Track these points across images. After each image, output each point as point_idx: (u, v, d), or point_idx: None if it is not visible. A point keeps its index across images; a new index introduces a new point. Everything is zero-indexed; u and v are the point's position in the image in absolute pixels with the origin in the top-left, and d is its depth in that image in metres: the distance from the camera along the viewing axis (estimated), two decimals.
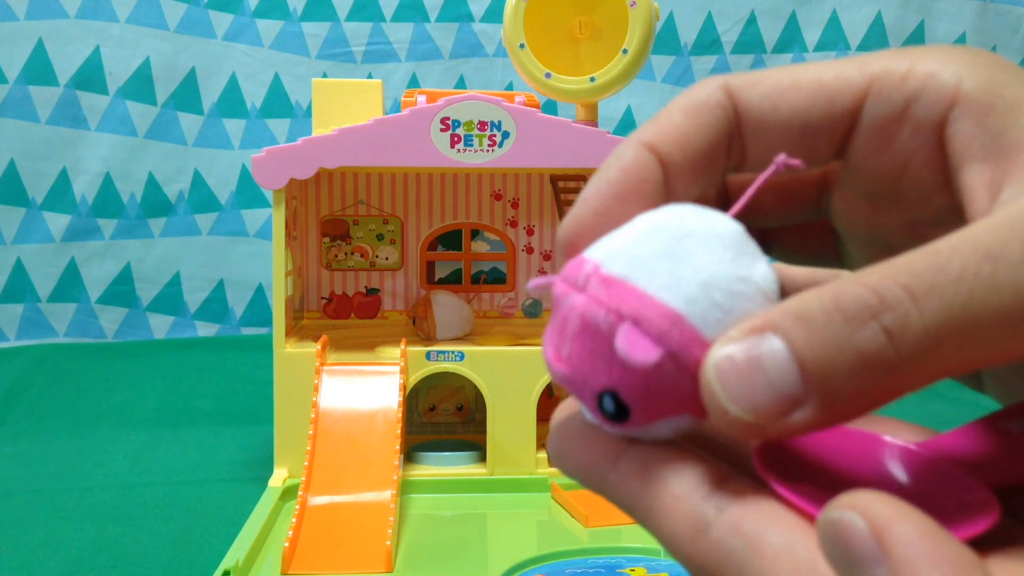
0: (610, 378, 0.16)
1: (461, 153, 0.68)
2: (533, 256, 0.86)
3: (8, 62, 1.17)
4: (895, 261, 0.15)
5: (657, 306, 0.16)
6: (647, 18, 0.70)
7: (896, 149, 0.18)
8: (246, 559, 0.55)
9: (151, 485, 0.71)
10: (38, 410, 0.91)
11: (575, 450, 0.18)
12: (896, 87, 0.18)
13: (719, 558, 0.15)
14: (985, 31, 1.34)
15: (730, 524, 0.15)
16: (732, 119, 0.19)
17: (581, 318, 0.17)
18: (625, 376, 0.16)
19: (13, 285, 1.20)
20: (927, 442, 0.19)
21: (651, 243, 0.17)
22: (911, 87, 0.18)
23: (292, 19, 1.23)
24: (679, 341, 0.16)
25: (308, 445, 0.65)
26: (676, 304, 0.16)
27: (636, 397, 0.16)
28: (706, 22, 1.29)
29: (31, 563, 0.58)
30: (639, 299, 0.16)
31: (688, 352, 0.16)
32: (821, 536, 0.14)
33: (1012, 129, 0.17)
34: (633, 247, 0.17)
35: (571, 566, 0.56)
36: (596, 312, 0.16)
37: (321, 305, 0.85)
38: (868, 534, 0.14)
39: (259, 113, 1.23)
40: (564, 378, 0.17)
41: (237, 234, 1.23)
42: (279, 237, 0.69)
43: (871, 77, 0.18)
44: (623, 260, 0.17)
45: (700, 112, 0.19)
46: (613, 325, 0.16)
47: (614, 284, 0.16)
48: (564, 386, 0.17)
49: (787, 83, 0.19)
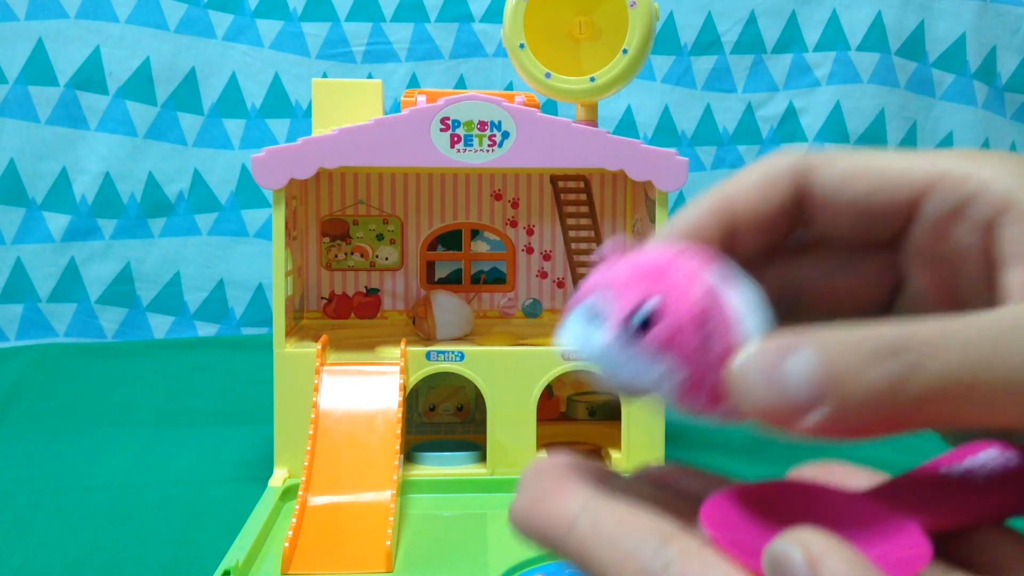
0: (668, 292, 0.18)
1: (461, 153, 0.68)
2: (533, 256, 0.86)
3: (8, 62, 1.17)
4: (928, 318, 0.17)
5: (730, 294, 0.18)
6: (647, 18, 0.70)
7: (950, 242, 0.21)
8: (246, 559, 0.55)
9: (151, 485, 0.71)
10: (38, 410, 0.91)
11: (537, 515, 0.19)
12: (955, 187, 0.20)
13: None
14: (985, 31, 1.34)
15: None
16: (802, 192, 0.22)
17: (681, 258, 0.19)
18: (684, 300, 0.18)
19: (13, 285, 1.20)
20: (874, 489, 0.20)
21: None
22: (968, 189, 0.20)
23: (292, 19, 1.23)
24: (724, 315, 0.18)
25: (308, 445, 0.65)
26: (740, 306, 0.18)
27: (677, 320, 0.17)
28: (706, 22, 1.29)
29: (31, 563, 0.58)
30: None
31: (725, 323, 0.18)
32: (767, 568, 0.16)
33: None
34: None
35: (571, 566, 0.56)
36: (699, 265, 0.19)
37: (321, 305, 0.85)
38: (803, 564, 0.15)
39: (259, 113, 1.23)
40: (618, 274, 0.18)
41: (237, 234, 1.23)
42: (279, 237, 0.69)
43: (934, 175, 0.20)
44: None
45: (768, 189, 0.22)
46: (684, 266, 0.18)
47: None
48: (608, 282, 0.18)
49: (858, 169, 0.21)
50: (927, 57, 1.34)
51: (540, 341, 0.75)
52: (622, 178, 0.84)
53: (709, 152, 1.31)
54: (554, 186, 0.85)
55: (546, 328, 0.82)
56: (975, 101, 1.36)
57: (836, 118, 1.31)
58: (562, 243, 0.86)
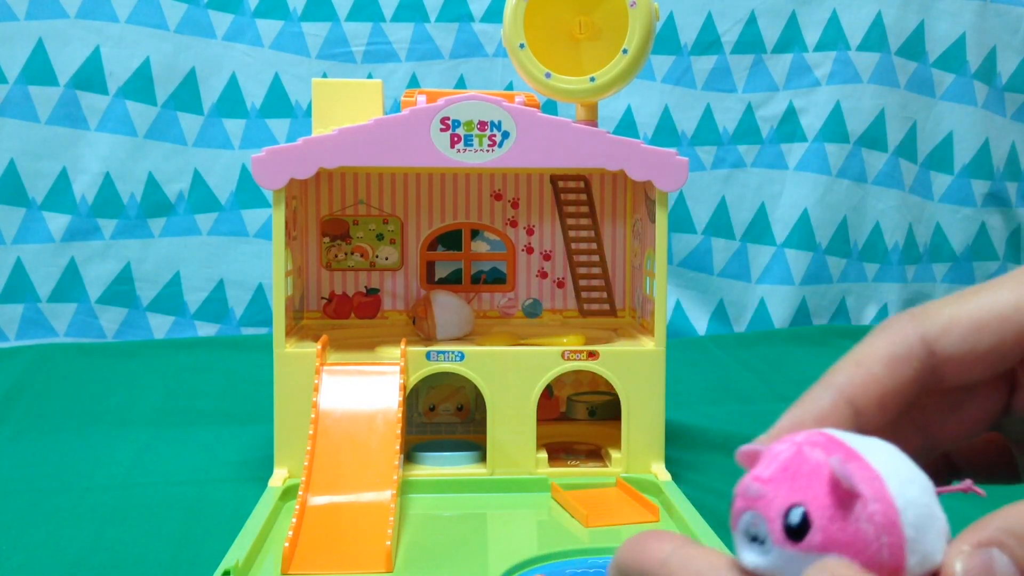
0: (805, 496, 0.19)
1: (461, 153, 0.68)
2: (533, 256, 0.86)
3: (8, 62, 1.17)
4: None
5: (878, 478, 0.19)
6: (647, 18, 0.70)
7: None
8: (246, 559, 0.55)
9: (151, 485, 0.71)
10: (38, 410, 0.91)
11: (635, 554, 0.21)
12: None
13: None
14: (985, 31, 1.34)
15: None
16: (928, 366, 0.22)
17: (805, 455, 0.20)
18: (820, 497, 0.19)
19: (13, 285, 1.20)
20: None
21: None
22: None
23: (292, 19, 1.23)
24: (882, 505, 0.19)
25: (308, 445, 0.65)
26: (891, 488, 0.19)
27: (823, 518, 0.19)
28: (706, 22, 1.29)
29: (31, 563, 0.58)
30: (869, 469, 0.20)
31: (883, 515, 0.19)
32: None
33: None
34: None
35: (571, 566, 0.56)
36: (823, 455, 0.20)
37: (321, 305, 0.85)
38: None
39: (259, 113, 1.23)
40: (758, 490, 0.20)
41: (237, 234, 1.23)
42: (279, 237, 0.69)
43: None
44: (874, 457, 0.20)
45: (899, 365, 0.22)
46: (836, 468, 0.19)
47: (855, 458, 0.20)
48: (753, 499, 0.20)
49: (976, 324, 0.22)
50: (927, 57, 1.34)
51: (540, 341, 0.75)
52: (622, 178, 0.84)
53: (709, 152, 1.31)
54: (554, 186, 0.85)
55: (546, 328, 0.82)
56: (975, 101, 1.36)
57: (836, 118, 1.31)
58: (562, 243, 0.86)
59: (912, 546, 0.19)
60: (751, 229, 1.33)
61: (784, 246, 1.32)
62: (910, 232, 1.37)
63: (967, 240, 1.39)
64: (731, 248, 1.33)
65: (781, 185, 1.33)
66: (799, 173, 1.32)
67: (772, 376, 1.07)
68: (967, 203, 1.38)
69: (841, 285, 1.35)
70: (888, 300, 1.37)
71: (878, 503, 0.19)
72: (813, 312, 1.34)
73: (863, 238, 1.35)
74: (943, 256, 1.39)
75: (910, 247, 1.37)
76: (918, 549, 0.19)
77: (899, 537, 0.19)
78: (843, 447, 0.20)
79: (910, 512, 0.19)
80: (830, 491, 0.19)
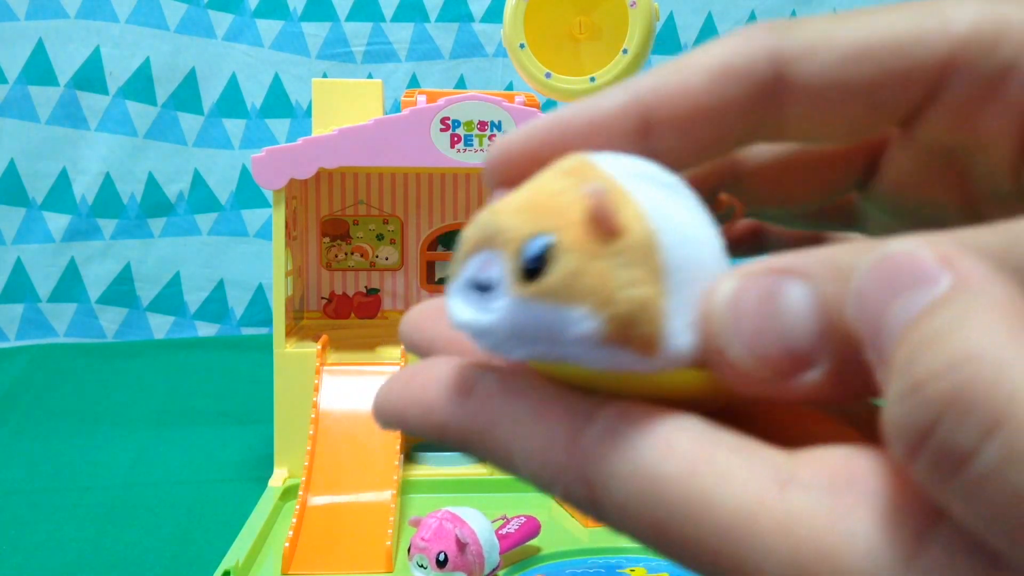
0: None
1: (461, 153, 0.68)
2: None
3: (8, 62, 1.17)
4: (963, 233, 0.12)
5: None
6: (647, 18, 0.70)
7: (975, 128, 0.16)
8: (246, 559, 0.55)
9: (151, 485, 0.71)
10: (38, 410, 0.91)
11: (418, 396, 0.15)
12: (985, 58, 0.15)
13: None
14: None
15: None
16: (769, 94, 0.15)
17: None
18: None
19: (13, 285, 1.20)
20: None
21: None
22: (1004, 57, 0.15)
23: (292, 19, 1.23)
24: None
25: (308, 445, 0.65)
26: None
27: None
28: (706, 22, 1.29)
29: (31, 563, 0.58)
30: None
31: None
32: (860, 282, 0.12)
33: None
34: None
35: (571, 566, 0.56)
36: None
37: (321, 305, 0.85)
38: (934, 259, 0.11)
39: (259, 113, 1.23)
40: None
41: (237, 234, 1.23)
42: (279, 237, 0.69)
43: (957, 43, 0.15)
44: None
45: (728, 81, 0.15)
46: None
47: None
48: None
49: (855, 50, 0.15)
50: None
51: None
52: None
53: None
54: None
55: None
56: None
57: None
58: None
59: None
60: None
61: None
62: None
63: None
64: None
65: None
66: None
67: None
68: None
69: None
70: None
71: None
72: None
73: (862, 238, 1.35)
74: None
75: None
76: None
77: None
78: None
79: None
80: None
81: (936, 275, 0.11)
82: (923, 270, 0.11)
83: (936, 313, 0.11)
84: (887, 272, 0.11)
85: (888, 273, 0.11)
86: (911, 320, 0.11)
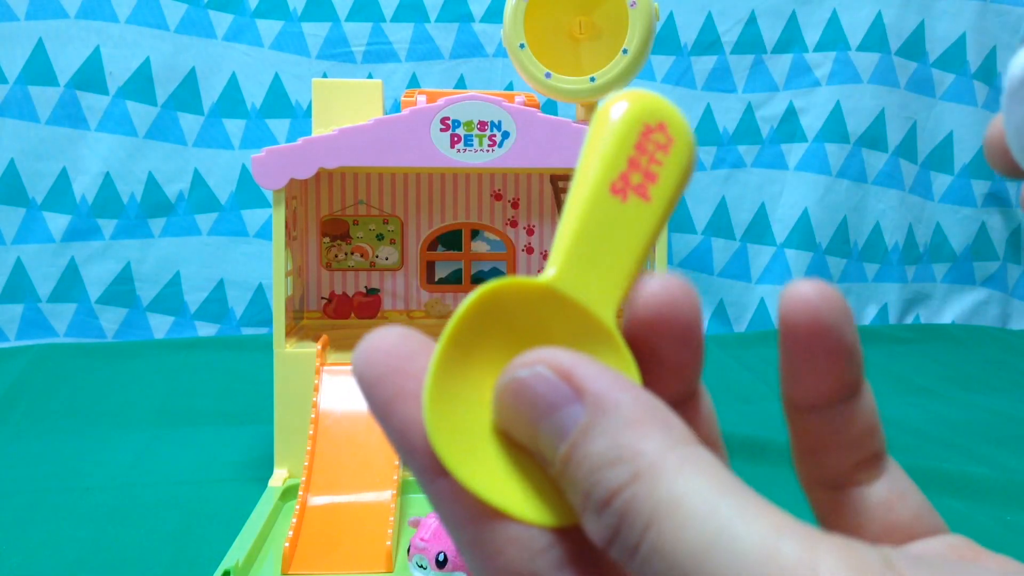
0: (446, 546, 0.52)
1: (461, 153, 0.68)
2: (533, 256, 0.86)
3: (8, 62, 1.17)
4: None
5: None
6: (647, 18, 0.70)
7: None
8: (246, 559, 0.55)
9: (151, 485, 0.71)
10: (38, 410, 0.91)
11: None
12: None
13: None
14: (985, 31, 1.34)
15: None
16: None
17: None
18: (451, 547, 0.37)
19: (13, 285, 1.20)
20: None
21: None
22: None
23: (292, 19, 1.23)
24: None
25: (308, 445, 0.65)
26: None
27: (456, 557, 0.52)
28: (706, 22, 1.29)
29: (31, 563, 0.58)
30: None
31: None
32: (499, 407, 0.15)
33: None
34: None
35: None
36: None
37: (321, 305, 0.85)
38: (558, 379, 0.15)
39: (259, 113, 1.23)
40: (422, 546, 0.53)
41: (237, 234, 1.23)
42: (279, 237, 0.69)
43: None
44: None
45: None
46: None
47: None
48: (420, 549, 0.42)
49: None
50: (927, 57, 1.34)
51: None
52: None
53: (709, 152, 1.31)
54: (554, 186, 0.85)
55: None
56: (975, 101, 1.36)
57: (836, 118, 1.31)
58: None
59: None
60: (751, 229, 1.33)
61: (784, 246, 1.32)
62: (910, 232, 1.37)
63: (967, 240, 1.39)
64: (731, 248, 1.33)
65: (781, 185, 1.33)
66: (799, 173, 1.32)
67: (772, 376, 1.07)
68: (967, 203, 1.38)
69: (841, 285, 1.35)
70: (888, 300, 1.37)
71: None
72: None
73: (863, 238, 1.35)
74: (943, 256, 1.39)
75: (910, 247, 1.37)
76: None
77: None
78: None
79: None
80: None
81: (569, 398, 0.15)
82: (556, 394, 0.15)
83: (587, 441, 0.15)
84: (522, 399, 0.15)
85: (523, 400, 0.15)
86: (567, 443, 0.15)
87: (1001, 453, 0.80)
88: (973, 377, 1.09)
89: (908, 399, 0.98)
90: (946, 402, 0.97)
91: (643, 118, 0.18)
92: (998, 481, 0.73)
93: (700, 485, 0.14)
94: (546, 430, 0.15)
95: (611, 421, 0.15)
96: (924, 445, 0.82)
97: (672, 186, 0.18)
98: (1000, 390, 1.03)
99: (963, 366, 1.14)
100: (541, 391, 0.15)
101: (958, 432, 0.86)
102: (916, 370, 1.11)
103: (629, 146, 0.18)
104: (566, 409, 0.15)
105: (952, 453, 0.80)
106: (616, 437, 0.15)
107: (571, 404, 0.15)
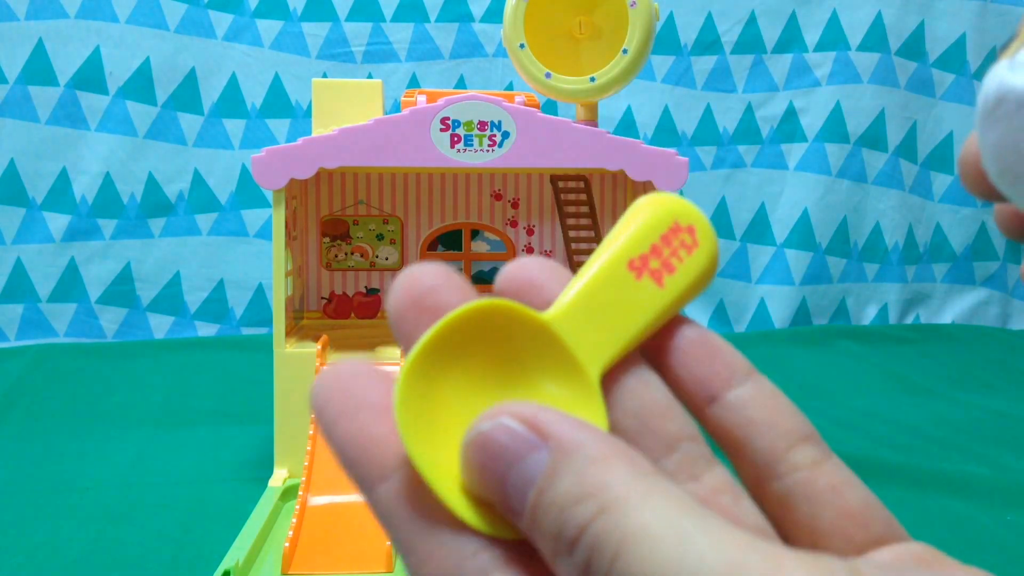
0: None
1: (461, 153, 0.68)
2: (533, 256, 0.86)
3: (8, 62, 1.17)
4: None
5: None
6: (647, 18, 0.70)
7: None
8: (246, 559, 0.55)
9: (151, 485, 0.71)
10: (38, 410, 0.91)
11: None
12: None
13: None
14: (985, 31, 1.34)
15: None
16: None
17: None
18: None
19: (13, 285, 1.20)
20: None
21: None
22: None
23: (292, 19, 1.23)
24: None
25: (308, 445, 0.65)
26: None
27: None
28: (706, 22, 1.29)
29: (31, 563, 0.58)
30: None
31: None
32: (466, 462, 0.16)
33: None
34: None
35: None
36: None
37: (321, 305, 0.85)
38: (522, 427, 0.15)
39: (259, 113, 1.23)
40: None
41: (237, 234, 1.23)
42: (279, 237, 0.69)
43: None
44: None
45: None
46: None
47: None
48: None
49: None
50: (927, 57, 1.34)
51: None
52: (622, 178, 0.84)
53: (709, 152, 1.31)
54: (554, 186, 0.85)
55: None
56: (975, 101, 1.36)
57: (836, 118, 1.31)
58: (562, 243, 0.86)
59: None
60: (751, 229, 1.33)
61: (784, 246, 1.32)
62: (910, 232, 1.37)
63: (967, 240, 1.39)
64: (731, 248, 1.33)
65: (781, 185, 1.33)
66: (799, 173, 1.32)
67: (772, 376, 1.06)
68: (967, 203, 1.38)
69: (841, 285, 1.35)
70: (888, 300, 1.37)
71: None
72: (813, 312, 1.34)
73: (863, 238, 1.35)
74: (943, 256, 1.39)
75: (910, 247, 1.37)
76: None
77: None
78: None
79: None
80: None
81: (534, 445, 0.15)
82: (520, 443, 0.15)
83: (554, 483, 0.15)
84: (490, 450, 0.16)
85: (490, 451, 0.16)
86: (535, 489, 0.15)
87: (1001, 453, 0.80)
88: (973, 377, 1.09)
89: (908, 399, 0.98)
90: (946, 402, 0.97)
91: (675, 216, 0.19)
92: (998, 481, 0.73)
93: (666, 511, 0.14)
94: (514, 480, 0.15)
95: (575, 460, 0.15)
96: (924, 445, 0.82)
97: (687, 282, 0.19)
98: (1000, 390, 1.03)
99: (963, 366, 1.14)
100: (505, 442, 0.16)
101: (958, 432, 0.86)
102: (916, 370, 1.11)
103: (655, 235, 0.19)
104: (532, 456, 0.15)
105: (952, 453, 0.80)
106: (581, 475, 0.15)
107: (536, 451, 0.15)
